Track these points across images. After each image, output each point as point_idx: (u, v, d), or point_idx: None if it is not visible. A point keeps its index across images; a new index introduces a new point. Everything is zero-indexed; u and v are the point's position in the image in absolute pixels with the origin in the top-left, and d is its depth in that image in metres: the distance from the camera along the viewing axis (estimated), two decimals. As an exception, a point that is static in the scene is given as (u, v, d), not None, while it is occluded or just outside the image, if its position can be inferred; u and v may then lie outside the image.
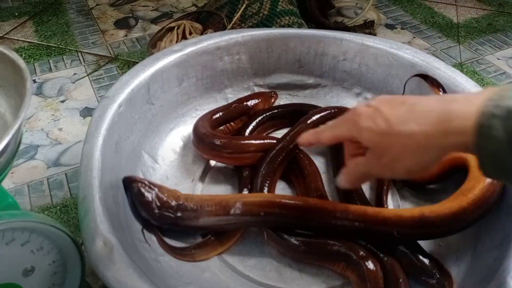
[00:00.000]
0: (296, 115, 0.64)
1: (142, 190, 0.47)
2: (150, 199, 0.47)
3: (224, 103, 0.68)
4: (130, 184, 0.48)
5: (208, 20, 0.90)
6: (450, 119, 0.31)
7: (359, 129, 0.37)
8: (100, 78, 0.87)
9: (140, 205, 0.48)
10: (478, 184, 0.46)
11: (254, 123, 0.63)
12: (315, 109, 0.64)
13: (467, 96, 0.32)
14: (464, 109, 0.31)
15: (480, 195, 0.45)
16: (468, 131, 0.30)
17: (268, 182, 0.54)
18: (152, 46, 0.88)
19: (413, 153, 0.34)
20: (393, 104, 0.36)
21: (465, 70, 0.90)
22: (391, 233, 0.45)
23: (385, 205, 0.54)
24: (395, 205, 0.56)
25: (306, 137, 0.44)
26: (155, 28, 1.02)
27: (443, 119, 0.32)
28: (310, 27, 0.92)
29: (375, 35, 0.98)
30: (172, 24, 0.88)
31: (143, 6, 1.13)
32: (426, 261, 0.46)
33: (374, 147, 0.37)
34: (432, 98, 0.35)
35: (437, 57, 0.85)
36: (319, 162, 0.60)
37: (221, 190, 0.58)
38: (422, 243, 0.50)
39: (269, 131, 0.66)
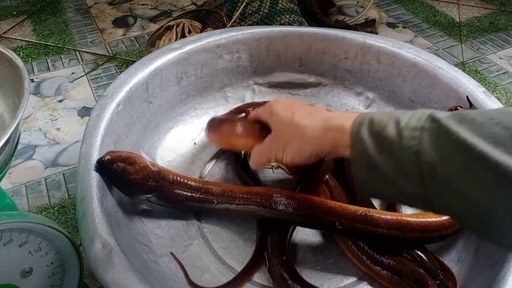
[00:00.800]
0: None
1: (126, 166, 0.46)
2: (135, 170, 0.46)
3: (223, 102, 0.68)
4: (110, 165, 0.46)
5: (208, 18, 0.90)
6: (331, 120, 0.40)
7: (272, 113, 0.46)
8: (98, 77, 0.86)
9: (126, 182, 0.46)
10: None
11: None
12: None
13: (351, 113, 0.42)
14: (345, 117, 0.39)
15: (426, 223, 0.46)
16: (344, 131, 0.38)
17: None
18: (151, 45, 0.87)
19: (301, 141, 0.42)
20: (304, 105, 0.46)
21: (467, 70, 0.89)
22: (334, 222, 0.47)
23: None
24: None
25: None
26: (154, 27, 1.01)
27: (327, 120, 0.41)
28: (310, 25, 0.91)
29: (376, 33, 0.97)
30: (171, 23, 0.87)
31: (141, 4, 1.13)
32: (429, 261, 0.46)
33: (276, 130, 0.45)
34: (326, 111, 0.44)
35: (439, 56, 0.84)
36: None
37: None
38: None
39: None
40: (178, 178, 0.49)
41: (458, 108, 0.55)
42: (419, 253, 0.46)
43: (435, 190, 0.32)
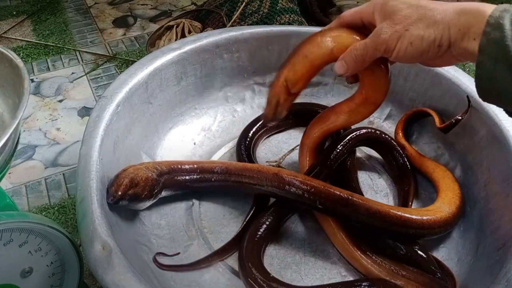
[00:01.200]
0: (299, 115, 0.64)
1: (135, 191, 0.46)
2: (142, 189, 0.47)
3: (223, 102, 0.67)
4: (123, 199, 0.46)
5: (208, 18, 0.90)
6: (467, 5, 0.34)
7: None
8: (98, 77, 0.86)
9: (141, 201, 0.48)
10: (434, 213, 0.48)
11: (258, 125, 0.62)
12: (318, 108, 0.64)
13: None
14: (487, 4, 0.33)
15: (404, 218, 0.46)
16: (480, 15, 0.32)
17: None
18: (151, 45, 0.87)
19: (424, 26, 0.36)
20: None
21: (467, 70, 0.89)
22: (314, 201, 0.47)
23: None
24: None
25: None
26: (154, 27, 1.01)
27: (462, 5, 0.34)
28: (310, 25, 0.91)
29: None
30: (171, 23, 0.87)
31: (141, 4, 1.13)
32: (428, 260, 0.46)
33: (393, 16, 0.37)
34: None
35: (438, 55, 0.84)
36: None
37: (221, 191, 0.57)
38: (424, 245, 0.50)
39: (272, 133, 0.65)
40: (173, 166, 0.51)
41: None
42: (419, 253, 0.46)
43: None
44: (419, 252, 0.46)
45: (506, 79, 0.31)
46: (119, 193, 0.45)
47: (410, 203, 0.54)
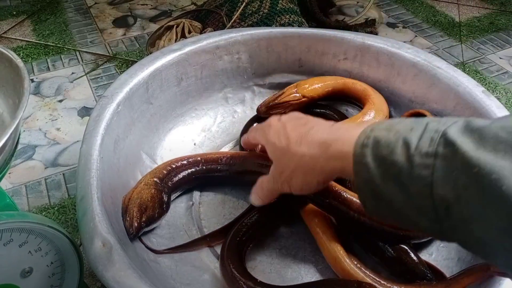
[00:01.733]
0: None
1: (148, 214, 0.48)
2: (153, 209, 0.48)
3: (223, 103, 0.68)
4: (142, 227, 0.48)
5: (208, 18, 0.89)
6: (331, 146, 0.36)
7: (267, 141, 0.43)
8: (98, 77, 0.86)
9: (159, 219, 0.50)
10: None
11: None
12: (318, 108, 0.64)
13: (350, 126, 0.37)
14: (345, 137, 0.35)
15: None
16: (346, 158, 0.34)
17: None
18: (151, 45, 0.87)
19: (303, 173, 0.39)
20: (297, 124, 0.41)
21: (467, 70, 0.89)
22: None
23: None
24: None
25: (242, 139, 0.54)
26: (154, 27, 1.01)
27: (326, 146, 0.36)
28: (310, 25, 0.91)
29: (376, 34, 0.97)
30: (171, 23, 0.87)
31: (141, 4, 1.13)
32: (418, 262, 0.45)
33: (276, 162, 0.42)
34: (326, 125, 0.39)
35: (439, 56, 0.84)
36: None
37: (221, 191, 0.57)
38: (423, 244, 0.50)
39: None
40: (173, 165, 0.53)
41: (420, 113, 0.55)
42: (410, 255, 0.46)
43: (451, 228, 0.28)
44: (409, 254, 0.46)
45: (384, 212, 0.32)
46: (135, 225, 0.46)
47: None
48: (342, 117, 0.63)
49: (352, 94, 0.64)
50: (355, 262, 0.45)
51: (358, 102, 0.64)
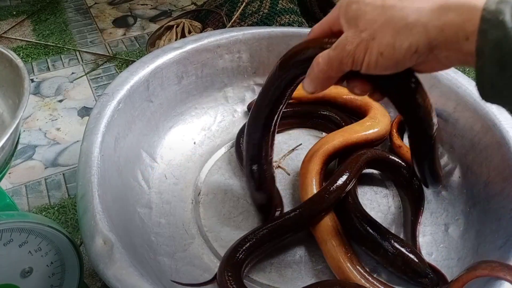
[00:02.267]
0: (299, 116, 0.64)
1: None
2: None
3: (224, 102, 0.68)
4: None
5: (208, 18, 0.89)
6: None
7: (349, 2, 0.33)
8: (98, 77, 0.86)
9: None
10: None
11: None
12: (318, 109, 0.64)
13: None
14: None
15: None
16: (471, 11, 0.26)
17: None
18: (151, 45, 0.87)
19: (395, 29, 0.29)
20: None
21: (467, 70, 0.89)
22: None
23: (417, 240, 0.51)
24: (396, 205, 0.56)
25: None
26: (154, 27, 1.01)
27: (441, 0, 0.28)
28: (310, 26, 0.91)
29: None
30: (171, 23, 0.87)
31: (141, 4, 1.13)
32: (420, 261, 0.45)
33: (357, 21, 0.31)
34: None
35: (438, 55, 0.84)
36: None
37: (221, 190, 0.57)
38: (424, 244, 0.50)
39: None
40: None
41: None
42: (411, 253, 0.46)
43: None
44: (411, 253, 0.46)
45: (509, 86, 0.26)
46: None
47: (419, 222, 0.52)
48: (346, 121, 0.61)
49: (350, 104, 0.63)
50: (357, 267, 0.45)
51: (358, 110, 0.63)
